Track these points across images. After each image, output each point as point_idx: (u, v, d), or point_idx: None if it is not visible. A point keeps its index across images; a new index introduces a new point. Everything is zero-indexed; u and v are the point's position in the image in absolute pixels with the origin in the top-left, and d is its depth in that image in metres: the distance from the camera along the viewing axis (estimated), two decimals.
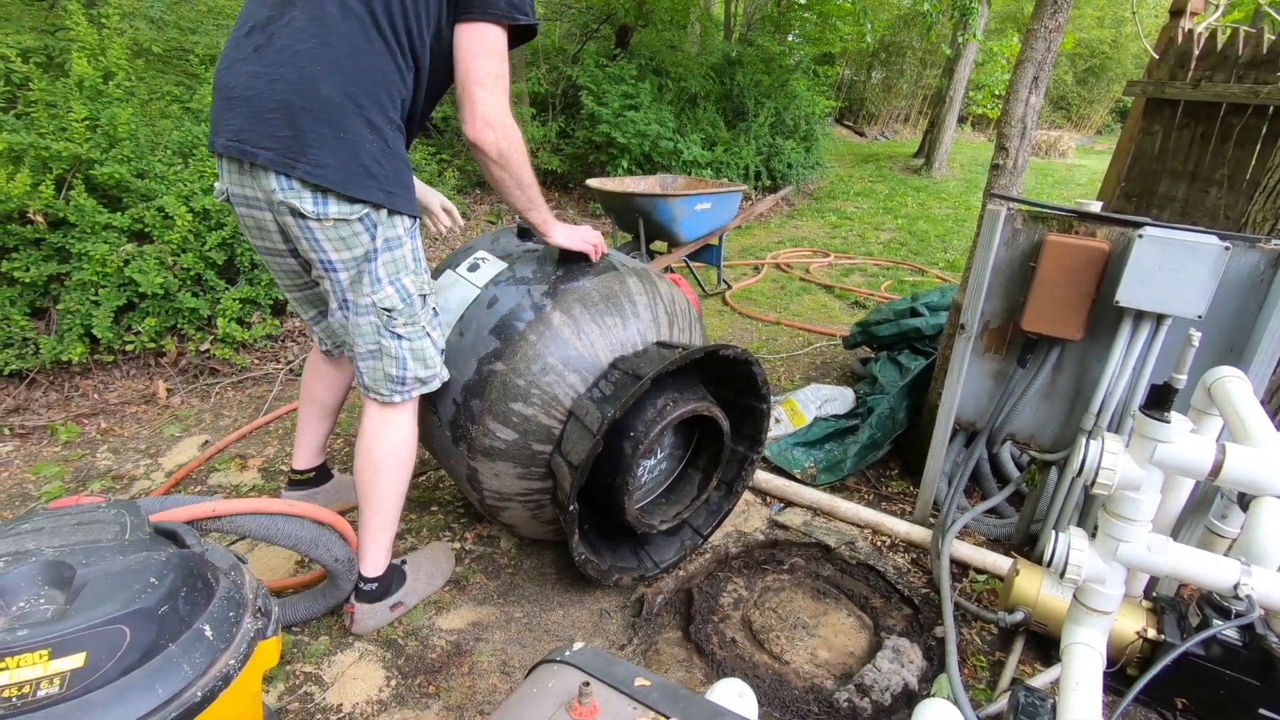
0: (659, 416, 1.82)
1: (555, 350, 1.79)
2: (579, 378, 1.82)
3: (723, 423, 2.01)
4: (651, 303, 1.97)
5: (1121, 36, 19.86)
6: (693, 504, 2.14)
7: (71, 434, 2.86)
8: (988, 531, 2.43)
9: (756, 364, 2.01)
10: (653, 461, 2.15)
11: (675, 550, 2.19)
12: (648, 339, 1.92)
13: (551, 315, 1.81)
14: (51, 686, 0.92)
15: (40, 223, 2.90)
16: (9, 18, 4.24)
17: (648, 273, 2.03)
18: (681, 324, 2.06)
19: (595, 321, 1.84)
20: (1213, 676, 1.56)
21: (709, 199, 4.66)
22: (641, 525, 1.98)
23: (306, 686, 1.76)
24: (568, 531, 1.82)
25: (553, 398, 1.81)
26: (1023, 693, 1.35)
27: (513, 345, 1.79)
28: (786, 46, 9.84)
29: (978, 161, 13.48)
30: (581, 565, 1.91)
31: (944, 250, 6.76)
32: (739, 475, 2.27)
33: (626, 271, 1.97)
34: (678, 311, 2.05)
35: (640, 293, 1.95)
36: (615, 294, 1.90)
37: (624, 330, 1.89)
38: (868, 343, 3.47)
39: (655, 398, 1.86)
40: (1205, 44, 2.55)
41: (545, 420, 1.82)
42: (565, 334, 1.80)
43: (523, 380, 1.78)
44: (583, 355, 1.82)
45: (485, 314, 1.89)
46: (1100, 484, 1.34)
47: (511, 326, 1.82)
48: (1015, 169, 2.54)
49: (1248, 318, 1.82)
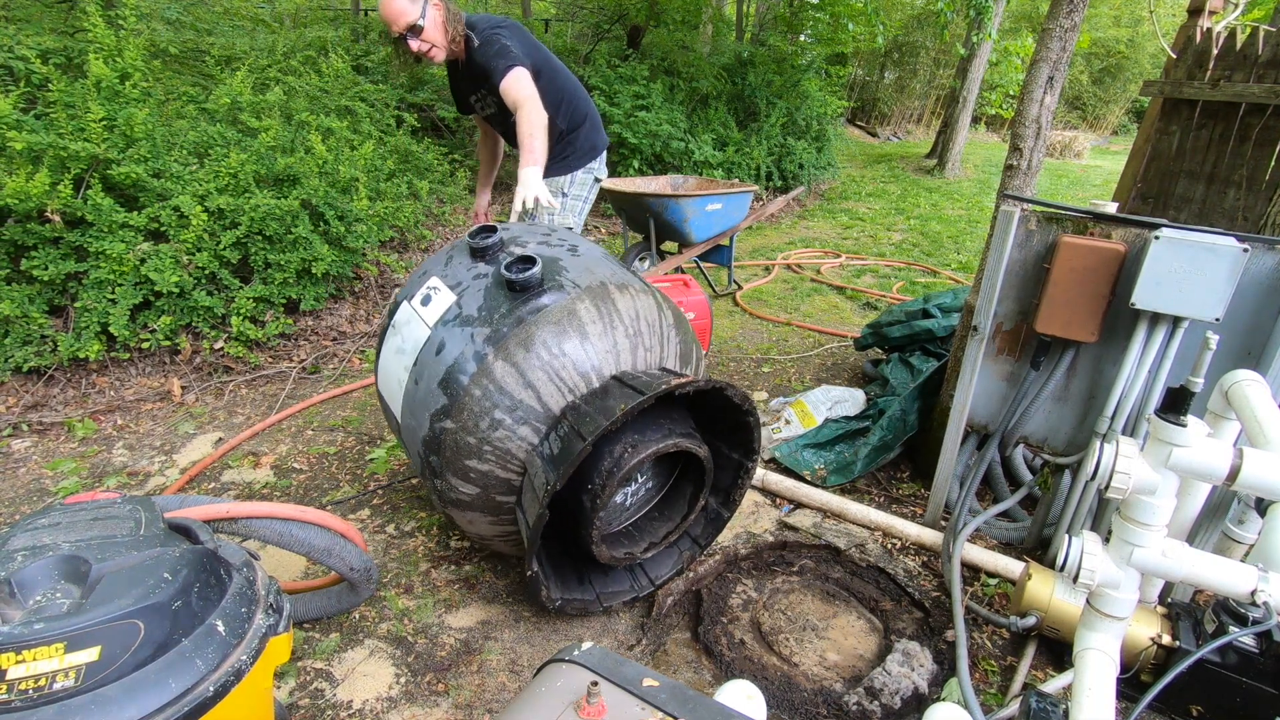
0: (616, 466, 1.69)
1: (503, 403, 1.68)
2: (530, 429, 1.71)
3: (696, 451, 1.84)
4: (607, 329, 1.78)
5: (1138, 36, 19.65)
6: (683, 522, 2.03)
7: (88, 430, 2.89)
8: (1000, 535, 2.41)
9: (729, 387, 1.81)
10: (633, 487, 2.03)
11: (673, 564, 2.12)
12: (604, 372, 1.75)
13: (494, 366, 1.68)
14: (67, 680, 0.93)
15: (58, 222, 2.94)
16: (29, 19, 4.30)
17: (604, 290, 1.82)
18: (649, 342, 1.86)
19: (542, 369, 1.70)
20: (1229, 684, 1.54)
21: (720, 199, 4.66)
22: (616, 562, 1.91)
23: (317, 683, 1.77)
24: (533, 590, 1.77)
25: (506, 452, 1.72)
26: (1034, 698, 1.34)
27: (459, 401, 1.69)
28: (798, 46, 9.82)
29: (991, 162, 13.38)
30: (559, 611, 1.89)
31: (956, 251, 6.71)
32: (735, 484, 2.14)
33: (578, 296, 1.77)
34: (643, 329, 1.85)
35: (593, 320, 1.76)
36: (564, 330, 1.72)
37: (575, 370, 1.73)
38: (879, 344, 3.45)
39: (612, 445, 1.72)
40: (1224, 43, 2.51)
41: (502, 474, 1.76)
42: (509, 385, 1.68)
43: (473, 438, 1.70)
44: (532, 406, 1.70)
45: (434, 362, 1.79)
46: (1114, 488, 1.33)
47: (456, 380, 1.71)
48: (1029, 170, 2.51)
49: (1266, 320, 1.80)
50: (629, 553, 1.93)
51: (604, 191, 4.80)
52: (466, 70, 2.72)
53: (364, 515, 2.45)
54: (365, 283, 4.14)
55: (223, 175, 3.35)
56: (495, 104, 2.74)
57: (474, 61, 2.64)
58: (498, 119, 2.87)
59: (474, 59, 2.63)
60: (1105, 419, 1.98)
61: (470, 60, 2.65)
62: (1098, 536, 1.43)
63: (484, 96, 2.80)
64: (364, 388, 3.41)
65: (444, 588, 2.12)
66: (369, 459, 2.79)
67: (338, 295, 3.98)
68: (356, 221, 3.77)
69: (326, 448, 2.87)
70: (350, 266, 3.89)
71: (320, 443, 2.91)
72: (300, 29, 6.56)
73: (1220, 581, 1.33)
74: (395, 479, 2.66)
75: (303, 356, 3.62)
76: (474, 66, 2.65)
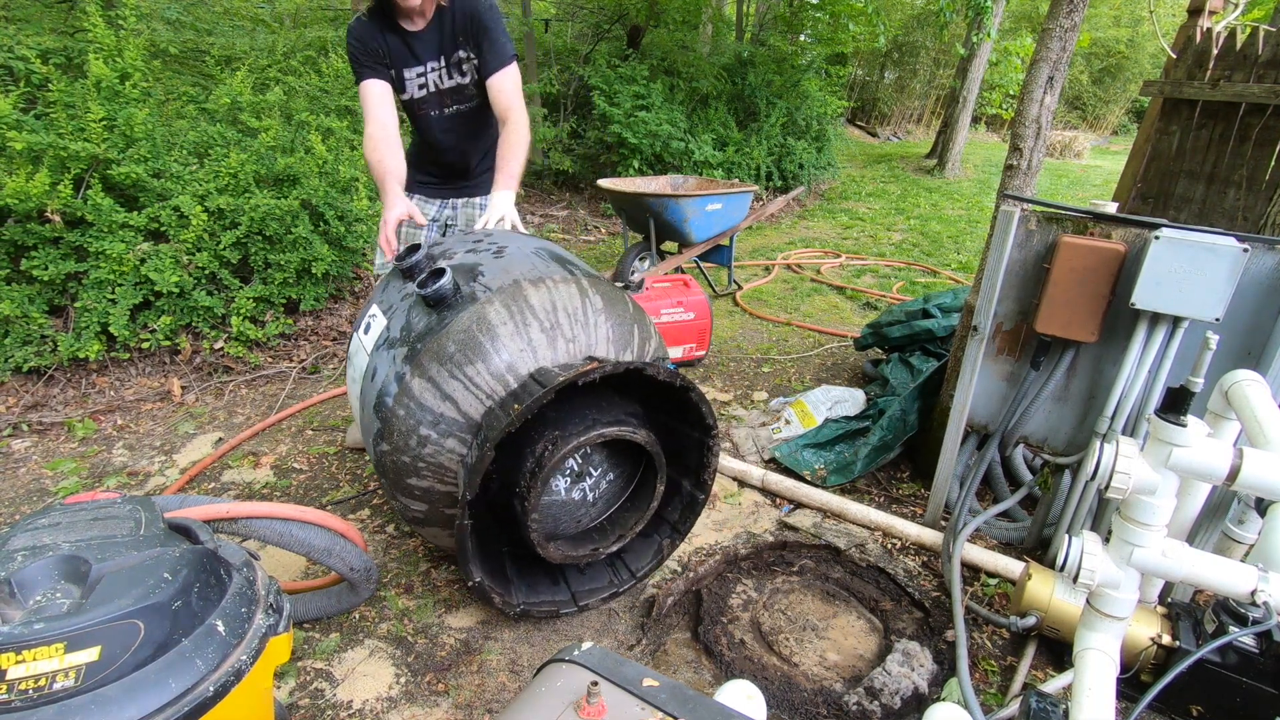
0: (538, 465, 1.67)
1: (425, 419, 1.69)
2: (456, 440, 1.71)
3: (629, 437, 1.78)
4: (520, 328, 1.74)
5: (1138, 36, 19.64)
6: (648, 510, 1.98)
7: (88, 430, 2.89)
8: (1000, 535, 2.41)
9: (648, 366, 1.72)
10: (590, 481, 2.00)
11: (653, 554, 2.09)
12: (520, 371, 1.72)
13: (411, 384, 1.70)
14: (67, 680, 0.93)
15: (58, 222, 2.94)
16: (29, 19, 4.30)
17: (517, 288, 1.77)
18: (570, 332, 1.80)
19: (455, 377, 1.69)
20: (1229, 684, 1.54)
21: (720, 199, 4.66)
22: (577, 560, 1.89)
23: (317, 683, 1.77)
24: (483, 601, 1.77)
25: (440, 466, 1.73)
26: (1034, 698, 1.34)
27: (389, 423, 1.72)
28: (798, 46, 9.82)
29: (991, 162, 13.38)
30: (522, 617, 1.88)
31: (956, 251, 6.72)
32: (702, 463, 2.03)
33: (488, 299, 1.74)
34: (561, 320, 1.79)
35: (503, 321, 1.72)
36: (472, 336, 1.70)
37: (489, 374, 1.70)
38: (879, 344, 3.45)
39: (532, 445, 1.70)
40: (1224, 43, 2.51)
41: (443, 489, 1.76)
42: (428, 400, 1.69)
43: (407, 457, 1.72)
44: (454, 418, 1.69)
45: (370, 388, 1.82)
46: (1114, 488, 1.33)
47: (384, 403, 1.74)
48: (1029, 170, 2.51)
49: (1266, 320, 1.80)
50: (594, 549, 1.91)
51: (604, 191, 4.81)
52: (437, 26, 2.20)
53: (364, 515, 2.45)
54: (365, 283, 4.14)
55: (223, 175, 3.35)
56: (461, 84, 2.29)
57: (457, 17, 2.18)
58: (431, 103, 2.32)
59: (458, 13, 2.18)
60: (1105, 419, 1.98)
61: (455, 14, 2.18)
62: (1098, 536, 1.43)
63: (450, 66, 2.27)
64: None
65: (444, 588, 2.12)
66: (369, 459, 2.79)
67: (338, 295, 3.99)
68: (356, 221, 3.77)
69: (326, 448, 2.87)
70: (350, 266, 3.89)
71: (320, 443, 2.91)
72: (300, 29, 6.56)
73: (1220, 581, 1.33)
74: None
75: (303, 356, 3.62)
76: (456, 21, 2.19)
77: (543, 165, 7.08)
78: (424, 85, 2.29)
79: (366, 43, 2.20)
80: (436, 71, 2.27)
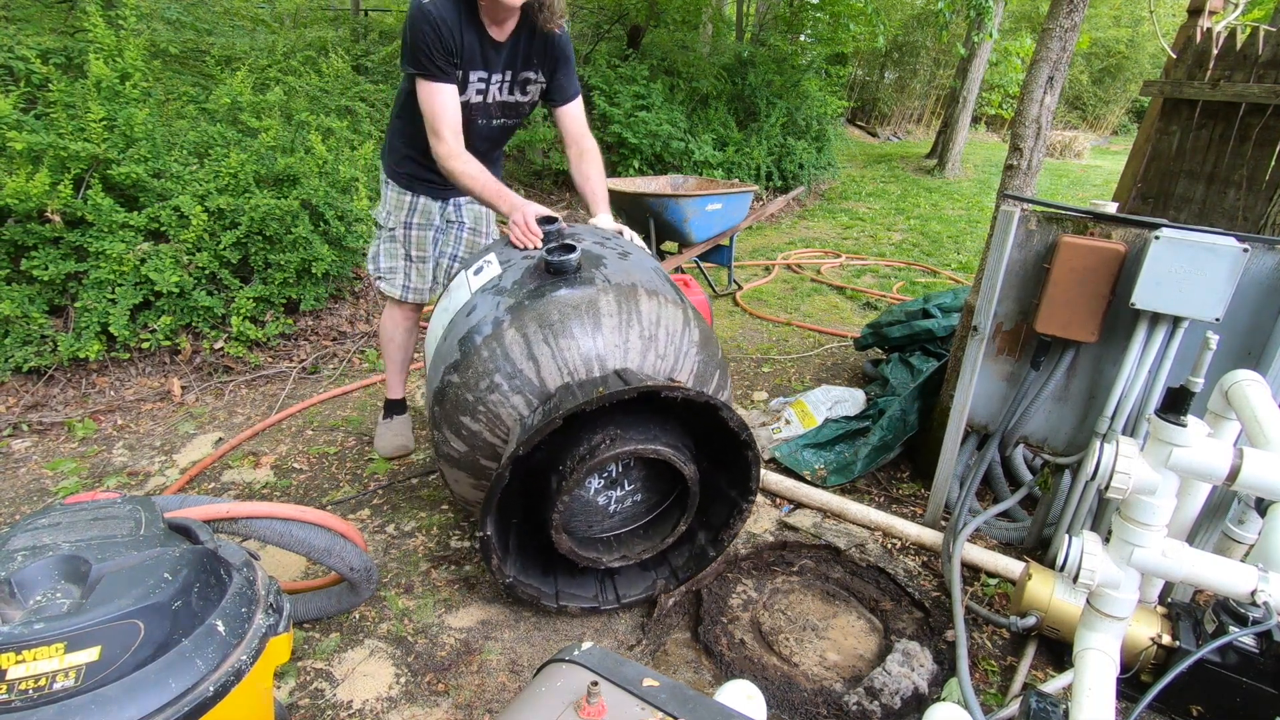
0: (590, 454, 1.70)
1: (503, 369, 1.74)
2: (523, 400, 1.75)
3: (679, 465, 1.80)
4: (623, 325, 1.80)
5: (1138, 36, 19.65)
6: (661, 543, 1.98)
7: (88, 430, 2.89)
8: (1000, 535, 2.41)
9: (725, 408, 1.74)
10: (620, 493, 2.01)
11: (644, 588, 2.06)
12: (608, 364, 1.77)
13: (505, 333, 1.76)
14: (67, 680, 0.93)
15: (58, 222, 2.94)
16: (29, 19, 4.30)
17: (633, 291, 1.84)
18: (663, 349, 1.86)
19: (549, 343, 1.74)
20: (1229, 684, 1.54)
21: (720, 199, 4.66)
22: (580, 560, 1.89)
23: (317, 683, 1.77)
24: (484, 555, 1.77)
25: (496, 417, 1.77)
26: (1034, 698, 1.34)
27: (468, 358, 1.78)
28: (799, 46, 9.82)
29: (991, 162, 13.38)
30: (508, 589, 1.87)
31: (957, 251, 6.72)
32: (727, 523, 2.05)
33: (603, 288, 1.82)
34: (660, 336, 1.85)
35: (610, 314, 1.79)
36: (579, 314, 1.76)
37: (579, 354, 1.74)
38: (879, 344, 3.45)
39: (591, 433, 1.73)
40: (1224, 43, 2.51)
41: (489, 438, 1.79)
42: (514, 353, 1.74)
43: (471, 395, 1.77)
44: (529, 379, 1.74)
45: (463, 321, 1.89)
46: (1114, 488, 1.33)
47: (471, 339, 1.80)
48: (1029, 170, 2.51)
49: (1266, 320, 1.80)
50: (597, 557, 1.92)
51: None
52: (515, 41, 2.18)
53: (364, 515, 2.45)
54: (365, 283, 4.14)
55: (223, 175, 3.35)
56: (519, 102, 2.32)
57: (536, 37, 2.18)
58: (480, 110, 2.29)
59: (539, 34, 2.18)
60: (1105, 419, 1.98)
61: (534, 34, 2.17)
62: (1098, 536, 1.43)
63: (515, 83, 2.28)
64: (364, 388, 3.41)
65: (444, 588, 2.12)
66: (369, 459, 2.79)
67: (338, 295, 3.98)
68: (356, 221, 3.77)
69: (326, 448, 2.87)
70: (350, 266, 3.89)
71: (320, 443, 2.91)
72: (300, 29, 6.56)
73: (1220, 581, 1.33)
74: (395, 479, 2.66)
75: (303, 356, 3.62)
76: (534, 42, 2.19)
77: (543, 165, 7.08)
78: (482, 92, 2.25)
79: (445, 35, 2.04)
80: (499, 83, 2.26)
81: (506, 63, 2.22)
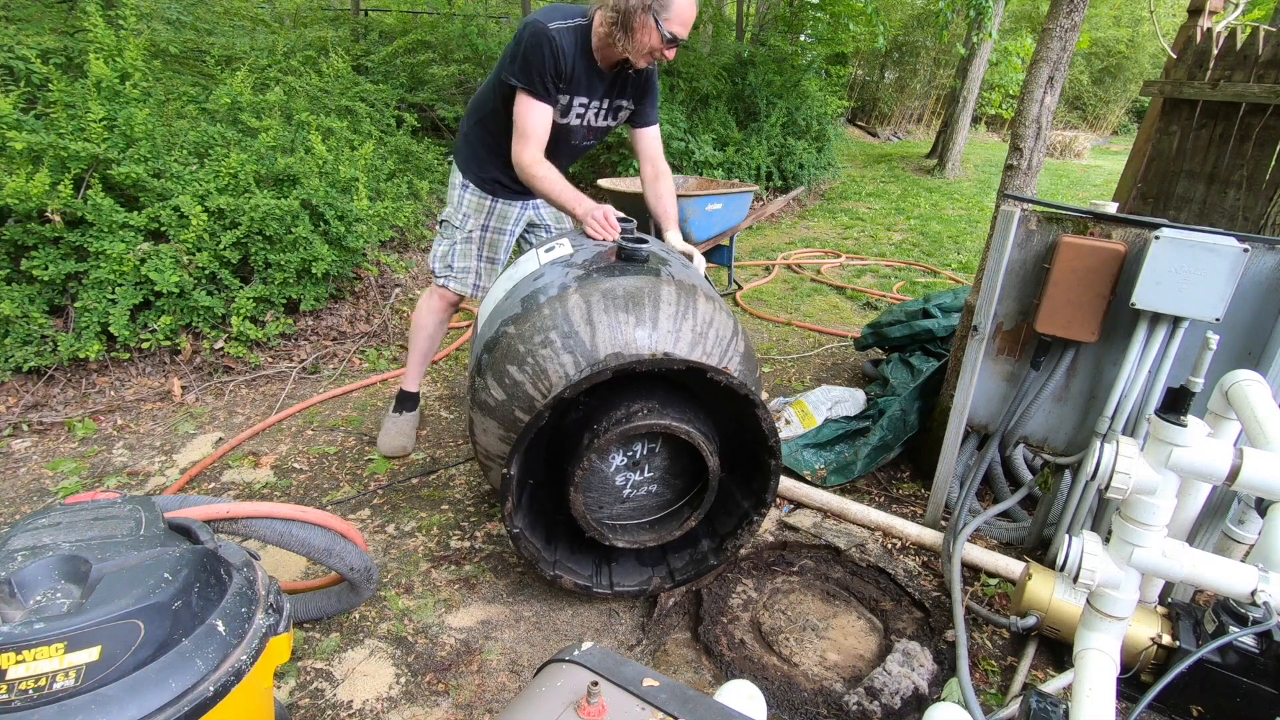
0: (626, 417, 1.78)
1: (560, 327, 1.82)
2: (572, 360, 1.80)
3: (705, 453, 1.86)
4: (678, 315, 1.87)
5: (1138, 36, 19.64)
6: (667, 536, 2.02)
7: (88, 430, 2.89)
8: (1000, 535, 2.41)
9: (762, 407, 1.82)
10: (639, 478, 2.04)
11: (639, 583, 2.07)
12: (658, 348, 1.82)
13: (570, 296, 1.86)
14: (67, 679, 0.93)
15: (58, 222, 2.94)
16: (29, 19, 4.30)
17: (693, 290, 1.94)
18: (710, 348, 1.91)
19: (608, 314, 1.82)
20: (1229, 684, 1.54)
21: (720, 199, 4.66)
22: (588, 526, 1.91)
23: (317, 683, 1.77)
24: (501, 494, 1.80)
25: (542, 370, 1.82)
26: (1034, 698, 1.34)
27: (529, 314, 1.89)
28: (799, 46, 9.81)
29: (991, 162, 13.38)
30: (514, 539, 1.89)
31: (957, 251, 6.72)
32: (734, 532, 2.08)
33: (667, 280, 1.93)
34: (710, 335, 1.92)
35: (669, 303, 1.88)
36: (640, 296, 1.86)
37: (634, 331, 1.81)
38: (879, 344, 3.45)
39: (631, 400, 1.82)
40: (1224, 43, 2.51)
41: (530, 390, 1.83)
42: (575, 316, 1.82)
43: (523, 346, 1.84)
44: (583, 341, 1.81)
45: (528, 284, 2.02)
46: (1115, 488, 1.33)
47: (536, 298, 1.92)
48: (1030, 170, 2.51)
49: (1266, 320, 1.80)
50: (603, 532, 1.96)
51: (604, 191, 4.80)
52: (615, 73, 2.36)
53: (364, 515, 2.45)
54: (365, 283, 4.14)
55: (223, 175, 3.35)
56: (609, 126, 2.52)
57: (633, 70, 2.31)
58: (577, 133, 2.48)
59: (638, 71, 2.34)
60: (1105, 419, 1.98)
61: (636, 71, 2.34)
62: (1098, 536, 1.43)
63: (610, 110, 2.48)
64: (364, 388, 3.41)
65: (444, 588, 2.12)
66: (369, 459, 2.79)
67: (338, 295, 3.98)
68: (356, 221, 3.77)
69: (326, 448, 2.87)
70: (350, 266, 3.89)
71: (320, 443, 2.91)
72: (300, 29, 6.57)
73: (1220, 581, 1.33)
74: (395, 479, 2.66)
75: (303, 356, 3.62)
76: (632, 75, 2.37)
77: None
78: (582, 116, 2.44)
79: (561, 62, 2.21)
80: (597, 110, 2.45)
81: (606, 91, 2.42)
